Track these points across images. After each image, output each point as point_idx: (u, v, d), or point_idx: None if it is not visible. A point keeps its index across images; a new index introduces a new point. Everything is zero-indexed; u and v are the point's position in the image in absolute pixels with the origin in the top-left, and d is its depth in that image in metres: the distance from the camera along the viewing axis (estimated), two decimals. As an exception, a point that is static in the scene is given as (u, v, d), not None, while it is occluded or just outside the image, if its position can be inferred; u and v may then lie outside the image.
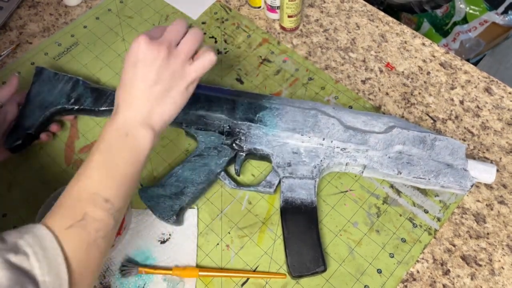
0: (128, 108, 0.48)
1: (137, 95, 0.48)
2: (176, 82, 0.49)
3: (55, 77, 0.69)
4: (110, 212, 0.45)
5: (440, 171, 0.61)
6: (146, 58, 0.47)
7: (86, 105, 0.67)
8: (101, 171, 0.46)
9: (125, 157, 0.47)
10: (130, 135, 0.47)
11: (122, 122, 0.47)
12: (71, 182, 0.46)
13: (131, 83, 0.48)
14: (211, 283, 0.58)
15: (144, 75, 0.47)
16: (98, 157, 0.46)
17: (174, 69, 0.48)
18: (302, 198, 0.60)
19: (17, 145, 0.64)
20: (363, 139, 0.62)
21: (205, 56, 0.50)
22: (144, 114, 0.48)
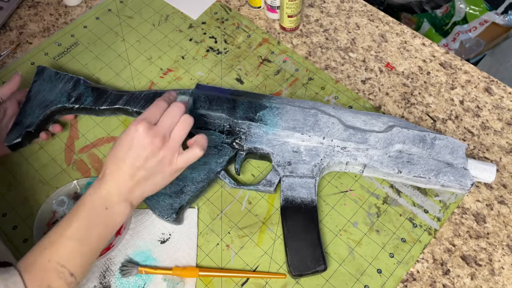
0: (113, 182, 0.50)
1: (123, 173, 0.50)
2: (162, 168, 0.52)
3: (56, 76, 0.69)
4: (71, 286, 0.47)
5: (440, 170, 0.61)
6: (139, 146, 0.50)
7: (87, 104, 0.67)
8: (75, 244, 0.47)
9: (99, 231, 0.49)
10: (109, 209, 0.49)
11: (105, 194, 0.49)
12: (45, 240, 0.47)
13: (120, 162, 0.50)
14: (211, 283, 0.58)
15: (133, 160, 0.50)
16: (76, 226, 0.48)
17: (162, 158, 0.51)
18: (302, 197, 0.60)
19: (16, 143, 0.64)
20: (363, 138, 0.62)
21: (193, 151, 0.54)
22: (126, 191, 0.50)
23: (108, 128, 0.70)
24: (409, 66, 0.76)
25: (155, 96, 0.67)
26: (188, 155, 0.53)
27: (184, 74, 0.75)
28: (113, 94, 0.68)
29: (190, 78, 0.75)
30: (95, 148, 0.68)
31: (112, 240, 0.60)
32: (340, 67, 0.76)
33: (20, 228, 0.62)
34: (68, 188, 0.64)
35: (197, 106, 0.65)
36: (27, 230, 0.62)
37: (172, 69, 0.76)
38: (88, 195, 0.50)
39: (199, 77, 0.75)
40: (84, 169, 0.67)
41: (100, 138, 0.69)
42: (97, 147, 0.68)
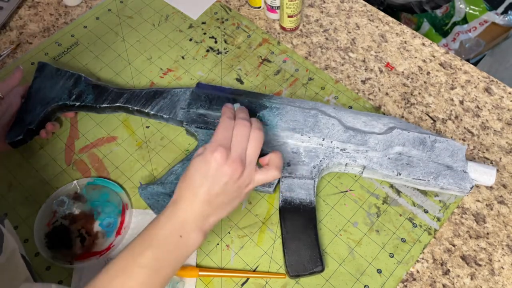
0: (189, 209, 0.48)
1: (200, 200, 0.48)
2: (240, 192, 0.51)
3: (57, 73, 0.69)
4: None
5: (439, 172, 0.61)
6: (218, 174, 0.48)
7: (88, 101, 0.67)
8: (147, 273, 0.45)
9: (172, 259, 0.47)
10: (183, 237, 0.47)
11: (181, 221, 0.48)
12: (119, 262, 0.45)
13: (197, 189, 0.48)
14: (211, 283, 0.58)
15: (212, 187, 0.48)
16: (149, 255, 0.46)
17: (241, 183, 0.50)
18: (301, 198, 0.60)
19: (18, 140, 0.64)
20: (363, 140, 0.62)
21: (271, 173, 0.52)
22: (202, 219, 0.48)
23: (108, 128, 0.70)
24: (409, 66, 0.76)
25: (156, 94, 0.68)
26: (265, 176, 0.52)
27: (184, 74, 0.75)
28: (114, 92, 0.68)
29: (190, 78, 0.75)
30: (95, 148, 0.68)
31: (112, 240, 0.60)
32: (340, 67, 0.76)
33: (20, 228, 0.62)
34: (68, 188, 0.64)
35: (197, 105, 0.66)
36: (27, 230, 0.62)
37: (172, 69, 0.76)
38: (162, 221, 0.48)
39: (199, 77, 0.75)
40: (84, 169, 0.67)
41: (100, 138, 0.69)
42: (97, 147, 0.69)
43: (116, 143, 0.69)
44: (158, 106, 0.67)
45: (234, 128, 0.51)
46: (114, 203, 0.63)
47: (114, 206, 0.63)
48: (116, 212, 0.62)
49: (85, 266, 0.58)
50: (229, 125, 0.51)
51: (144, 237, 0.47)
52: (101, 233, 0.61)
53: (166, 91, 0.68)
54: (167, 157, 0.67)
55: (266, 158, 0.53)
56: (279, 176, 0.52)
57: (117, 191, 0.64)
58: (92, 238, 0.60)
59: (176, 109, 0.66)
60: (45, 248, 0.59)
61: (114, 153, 0.68)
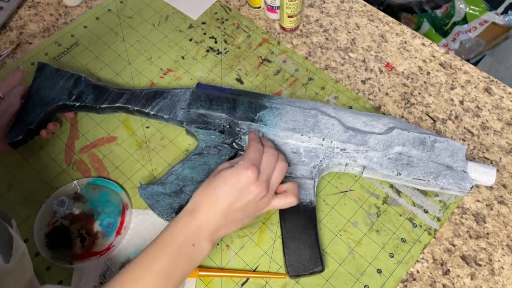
0: (205, 217, 0.50)
1: (219, 211, 0.50)
2: (255, 212, 0.53)
3: (57, 73, 0.69)
4: None
5: (439, 172, 0.61)
6: (246, 190, 0.50)
7: (88, 102, 0.67)
8: (161, 280, 0.46)
9: (184, 267, 0.49)
10: (196, 246, 0.49)
11: (197, 229, 0.49)
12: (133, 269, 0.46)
13: (219, 199, 0.50)
14: (211, 283, 0.58)
15: (234, 200, 0.50)
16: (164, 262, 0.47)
17: (260, 205, 0.53)
18: (301, 198, 0.60)
19: (18, 140, 0.64)
20: (363, 140, 0.62)
21: (288, 198, 0.55)
22: (214, 229, 0.50)
23: (108, 128, 0.70)
24: (409, 66, 0.76)
25: (156, 94, 0.68)
26: (283, 202, 0.55)
27: (184, 74, 0.75)
28: (114, 92, 0.68)
29: (190, 78, 0.75)
30: (95, 148, 0.68)
31: (112, 240, 0.60)
32: (340, 67, 0.76)
33: (20, 228, 0.62)
34: (68, 188, 0.64)
35: (197, 105, 0.66)
36: (27, 230, 0.62)
37: (172, 69, 0.76)
38: (178, 228, 0.49)
39: (199, 77, 0.75)
40: (84, 169, 0.67)
41: (100, 138, 0.69)
42: (97, 147, 0.69)
43: (116, 143, 0.69)
44: (158, 106, 0.67)
45: (264, 154, 0.54)
46: (114, 203, 0.63)
47: (114, 206, 0.63)
48: (116, 212, 0.62)
49: (85, 266, 0.58)
50: (259, 149, 0.54)
51: (159, 243, 0.49)
52: (101, 233, 0.61)
53: (166, 91, 0.68)
54: (167, 157, 0.67)
55: (284, 186, 0.56)
56: (296, 203, 0.55)
57: (117, 191, 0.64)
58: (92, 238, 0.60)
59: (176, 109, 0.66)
60: (45, 248, 0.59)
61: (114, 153, 0.68)
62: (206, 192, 0.51)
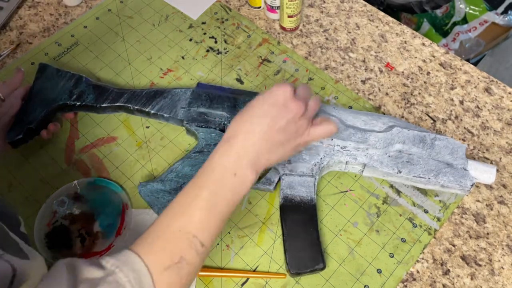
0: (245, 142, 0.47)
1: (259, 134, 0.47)
2: (295, 138, 0.50)
3: (58, 74, 0.69)
4: (202, 257, 0.44)
5: (440, 170, 0.61)
6: (284, 106, 0.48)
7: (88, 101, 0.68)
8: (205, 213, 0.45)
9: (228, 198, 0.46)
10: (238, 176, 0.46)
11: (234, 159, 0.46)
12: (176, 207, 0.45)
13: (260, 119, 0.48)
14: (211, 283, 0.58)
15: (275, 119, 0.48)
16: (207, 194, 0.45)
17: (299, 127, 0.50)
18: (302, 195, 0.60)
19: (18, 139, 0.64)
20: (363, 138, 0.62)
21: (328, 125, 0.52)
22: (255, 158, 0.47)
23: (108, 128, 0.70)
24: (409, 66, 0.76)
25: (156, 94, 0.68)
26: (322, 129, 0.52)
27: (184, 74, 0.75)
28: (114, 92, 0.68)
29: (190, 78, 0.75)
30: (95, 148, 0.68)
31: (112, 240, 0.60)
32: (340, 67, 0.76)
33: (20, 228, 0.62)
34: (68, 188, 0.64)
35: (198, 104, 0.66)
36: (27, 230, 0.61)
37: (172, 69, 0.76)
38: (216, 158, 0.46)
39: (199, 77, 0.75)
40: (84, 169, 0.67)
41: (100, 138, 0.69)
42: (97, 147, 0.69)
43: (116, 143, 0.69)
44: (158, 105, 0.67)
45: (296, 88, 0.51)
46: (114, 203, 0.63)
47: (114, 206, 0.63)
48: (116, 212, 0.62)
49: (85, 266, 0.58)
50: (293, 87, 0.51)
51: (200, 177, 0.46)
52: (101, 233, 0.61)
53: (167, 91, 0.68)
54: (167, 157, 0.67)
55: (319, 119, 0.53)
56: (336, 131, 0.52)
57: (117, 191, 0.64)
58: (92, 238, 0.60)
59: (177, 108, 0.66)
60: (45, 248, 0.59)
61: (114, 153, 0.68)
62: (243, 119, 0.48)
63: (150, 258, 0.41)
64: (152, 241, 0.43)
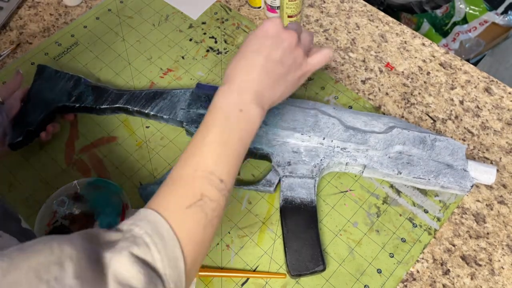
0: (245, 79, 0.47)
1: (257, 68, 0.47)
2: (295, 69, 0.50)
3: (57, 75, 0.69)
4: (223, 193, 0.44)
5: (440, 171, 0.61)
6: (277, 37, 0.48)
7: (87, 103, 0.68)
8: (218, 149, 0.44)
9: (238, 134, 0.46)
10: (244, 111, 0.46)
11: (237, 95, 0.46)
12: (184, 155, 0.44)
13: (254, 55, 0.47)
14: (211, 283, 0.58)
15: (270, 51, 0.47)
16: (216, 132, 0.45)
17: (296, 56, 0.49)
18: (302, 197, 0.60)
19: (17, 142, 0.64)
20: (363, 139, 0.62)
21: (323, 51, 0.52)
22: (258, 92, 0.47)
23: (108, 128, 0.70)
24: (409, 66, 0.76)
25: (156, 95, 0.68)
26: (319, 56, 0.51)
27: (184, 74, 0.76)
28: (113, 93, 0.68)
29: (190, 78, 0.75)
30: (95, 148, 0.68)
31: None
32: (340, 67, 0.76)
33: (20, 228, 0.62)
34: (68, 188, 0.64)
35: (197, 105, 0.66)
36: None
37: (172, 69, 0.76)
38: (218, 99, 0.46)
39: (199, 77, 0.75)
40: (84, 169, 0.67)
41: (100, 138, 0.69)
42: (97, 147, 0.69)
43: (116, 143, 0.69)
44: (158, 106, 0.67)
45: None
46: (114, 203, 0.63)
47: (114, 206, 0.63)
48: (116, 212, 0.62)
49: (85, 266, 0.58)
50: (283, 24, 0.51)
51: (207, 119, 0.46)
52: (101, 233, 0.61)
53: (166, 92, 0.68)
54: (167, 157, 0.67)
55: (313, 49, 0.53)
56: (331, 54, 0.52)
57: (117, 191, 0.64)
58: (92, 238, 0.60)
59: (176, 109, 0.66)
60: (45, 248, 0.59)
61: (114, 153, 0.68)
62: (238, 57, 0.48)
63: (167, 205, 0.41)
64: (168, 190, 0.43)
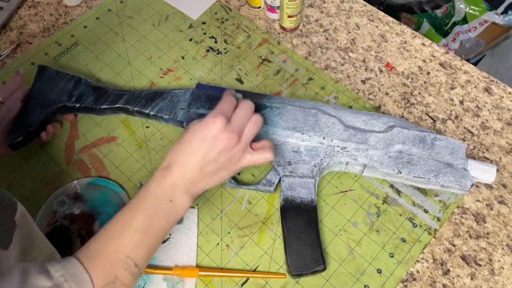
0: (180, 173, 0.50)
1: (193, 165, 0.50)
2: (230, 165, 0.52)
3: (57, 75, 0.69)
4: (135, 277, 0.47)
5: (440, 170, 0.61)
6: (216, 140, 0.50)
7: (88, 103, 0.68)
8: (140, 236, 0.47)
9: (163, 223, 0.49)
10: (173, 201, 0.49)
11: (171, 185, 0.49)
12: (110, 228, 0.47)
13: (192, 153, 0.50)
14: (211, 283, 0.58)
15: (206, 152, 0.50)
16: (142, 219, 0.47)
17: (234, 155, 0.52)
18: (302, 197, 0.60)
19: (18, 142, 0.64)
20: (363, 138, 0.62)
21: (265, 153, 0.54)
22: (191, 184, 0.50)
23: (108, 128, 0.70)
24: (409, 66, 0.76)
25: (156, 95, 0.68)
26: (259, 156, 0.54)
27: (184, 74, 0.76)
28: (114, 93, 0.68)
29: (190, 78, 0.75)
30: (95, 148, 0.68)
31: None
32: (340, 67, 0.76)
33: (20, 228, 0.62)
34: (68, 188, 0.64)
35: (197, 105, 0.66)
36: (27, 230, 0.62)
37: (172, 69, 0.76)
38: (153, 185, 0.49)
39: (199, 77, 0.75)
40: (84, 169, 0.67)
41: (100, 138, 0.69)
42: (97, 147, 0.69)
43: (116, 143, 0.69)
44: (158, 106, 0.67)
45: (237, 107, 0.53)
46: (114, 203, 0.63)
47: (114, 206, 0.63)
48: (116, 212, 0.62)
49: (85, 266, 0.58)
50: (232, 101, 0.53)
51: (136, 202, 0.49)
52: (101, 233, 0.61)
53: (166, 92, 0.68)
54: (167, 157, 0.67)
55: (260, 143, 0.55)
56: (272, 158, 0.54)
57: (117, 191, 0.64)
58: (92, 238, 0.60)
59: (176, 109, 0.66)
60: (45, 248, 0.59)
61: (114, 153, 0.68)
62: (178, 149, 0.50)
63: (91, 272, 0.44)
64: (93, 257, 0.45)
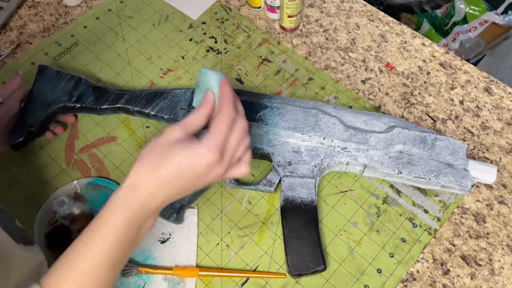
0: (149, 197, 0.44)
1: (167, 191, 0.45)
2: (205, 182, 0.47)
3: (58, 75, 0.69)
4: None
5: (440, 171, 0.61)
6: (202, 176, 0.45)
7: (88, 103, 0.68)
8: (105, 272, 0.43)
9: (130, 250, 0.45)
10: (143, 227, 0.45)
11: (140, 211, 0.44)
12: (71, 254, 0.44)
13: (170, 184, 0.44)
14: (211, 283, 0.58)
15: (187, 183, 0.45)
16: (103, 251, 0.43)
17: (213, 178, 0.47)
18: (302, 197, 0.60)
19: (19, 142, 0.64)
20: (363, 139, 0.62)
21: (241, 170, 0.49)
22: (159, 202, 0.45)
23: (108, 128, 0.70)
24: (409, 66, 0.76)
25: (156, 95, 0.68)
26: (236, 172, 0.49)
27: (184, 74, 0.75)
28: (114, 93, 0.68)
29: (190, 78, 0.75)
30: (95, 148, 0.68)
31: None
32: (340, 67, 0.76)
33: (20, 228, 0.62)
34: (68, 188, 0.64)
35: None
36: (27, 230, 0.61)
37: (172, 69, 0.76)
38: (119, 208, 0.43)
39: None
40: (84, 169, 0.67)
41: (100, 138, 0.69)
42: (97, 147, 0.69)
43: (116, 143, 0.69)
44: (158, 106, 0.67)
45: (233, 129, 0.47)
46: (114, 203, 0.63)
47: (114, 206, 0.62)
48: (116, 212, 0.62)
49: (85, 266, 0.58)
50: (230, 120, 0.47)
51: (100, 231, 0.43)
52: (101, 233, 0.61)
53: (166, 92, 0.68)
54: (167, 157, 0.67)
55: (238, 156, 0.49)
56: (248, 173, 0.50)
57: (117, 191, 0.64)
58: (92, 238, 0.60)
59: (177, 109, 0.66)
60: (45, 248, 0.59)
61: (114, 153, 0.68)
62: (154, 174, 0.44)
63: None
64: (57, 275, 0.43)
